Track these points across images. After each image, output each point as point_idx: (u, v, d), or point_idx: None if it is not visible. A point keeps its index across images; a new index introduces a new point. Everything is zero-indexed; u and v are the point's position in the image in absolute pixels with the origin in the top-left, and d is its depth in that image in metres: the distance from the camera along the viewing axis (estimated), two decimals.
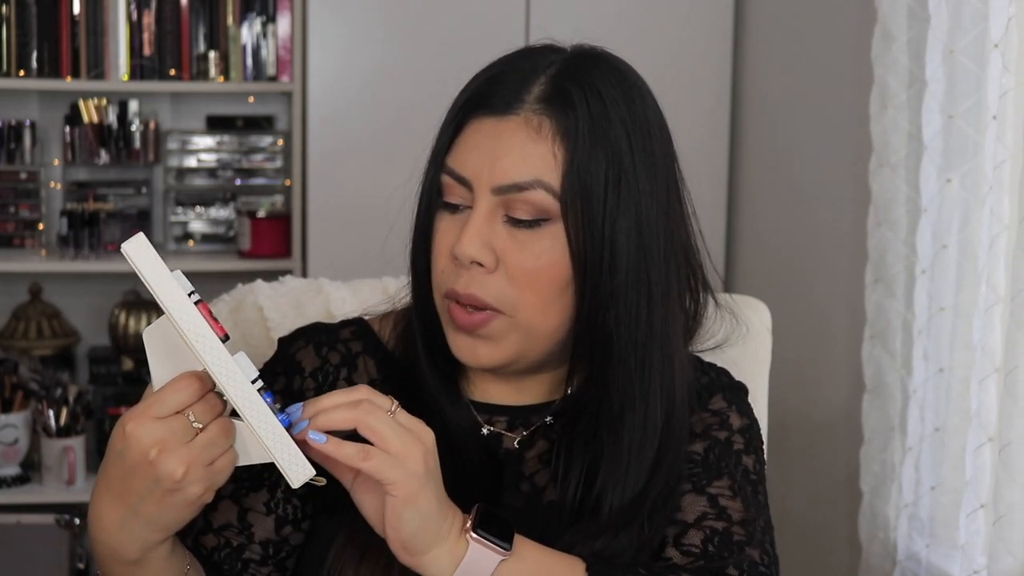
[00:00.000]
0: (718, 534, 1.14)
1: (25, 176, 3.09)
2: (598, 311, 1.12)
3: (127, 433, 0.97)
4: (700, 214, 1.25)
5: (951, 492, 1.94)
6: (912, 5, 2.01)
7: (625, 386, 1.14)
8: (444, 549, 1.03)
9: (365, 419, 1.00)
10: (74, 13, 2.99)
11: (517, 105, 1.12)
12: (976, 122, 1.87)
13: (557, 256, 1.11)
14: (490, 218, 1.11)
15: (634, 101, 1.13)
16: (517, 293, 1.11)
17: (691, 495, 1.17)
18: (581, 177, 1.09)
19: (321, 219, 2.93)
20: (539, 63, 1.14)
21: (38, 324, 3.13)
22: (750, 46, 2.95)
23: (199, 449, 0.97)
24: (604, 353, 1.13)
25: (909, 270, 2.04)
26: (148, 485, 0.98)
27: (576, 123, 1.10)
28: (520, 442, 1.22)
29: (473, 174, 1.12)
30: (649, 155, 1.12)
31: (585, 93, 1.11)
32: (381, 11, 2.90)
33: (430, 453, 1.02)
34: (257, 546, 1.18)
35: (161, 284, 0.98)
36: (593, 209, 1.10)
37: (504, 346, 1.13)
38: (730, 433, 1.22)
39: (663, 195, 1.14)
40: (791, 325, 2.39)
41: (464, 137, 1.14)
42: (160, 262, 0.98)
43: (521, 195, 1.10)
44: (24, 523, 2.91)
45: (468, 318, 1.12)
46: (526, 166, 1.10)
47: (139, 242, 0.99)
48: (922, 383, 1.99)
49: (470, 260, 1.11)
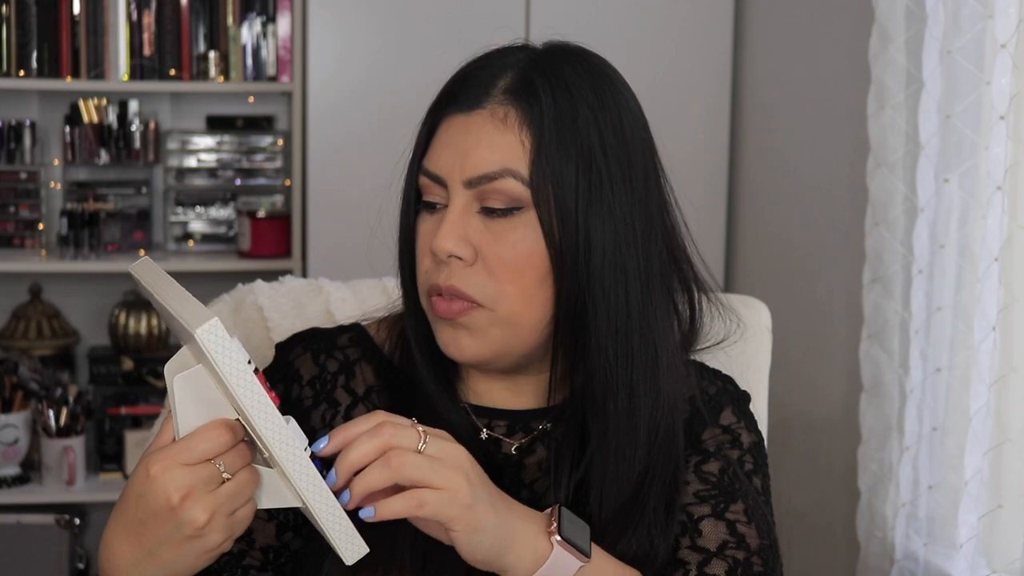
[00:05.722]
0: (740, 564, 1.15)
1: (25, 176, 3.09)
2: (576, 298, 1.12)
3: (152, 476, 0.97)
4: (700, 214, 1.25)
5: (949, 491, 1.94)
6: (910, 5, 2.01)
7: (607, 375, 1.13)
8: (526, 548, 1.04)
9: (402, 472, 0.99)
10: (74, 13, 2.99)
11: (484, 99, 1.13)
12: (974, 122, 1.87)
13: (533, 245, 1.12)
14: (465, 212, 1.12)
15: (603, 90, 1.14)
16: (497, 285, 1.12)
17: (711, 520, 1.17)
18: (550, 163, 1.11)
19: (321, 219, 2.93)
20: (508, 60, 1.16)
21: (38, 324, 3.14)
22: (750, 46, 2.95)
23: (224, 498, 0.97)
24: (584, 341, 1.13)
25: (906, 270, 2.04)
26: (168, 531, 0.97)
27: (540, 111, 1.11)
28: (518, 449, 1.22)
29: (446, 171, 1.13)
30: (621, 143, 1.13)
31: (551, 83, 1.12)
32: (381, 11, 2.90)
33: (472, 471, 1.02)
34: (258, 552, 1.18)
35: (230, 364, 0.95)
36: (565, 195, 1.11)
37: (487, 340, 1.14)
38: (741, 452, 1.23)
39: (640, 184, 1.14)
40: (790, 325, 2.39)
41: (436, 137, 1.16)
42: (233, 344, 0.95)
43: (492, 185, 1.11)
44: (24, 523, 2.91)
45: (448, 305, 1.13)
46: (494, 156, 1.11)
47: (215, 328, 0.93)
48: (920, 383, 2.00)
49: (447, 254, 1.12)
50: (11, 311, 3.16)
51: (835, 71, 2.49)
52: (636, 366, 1.14)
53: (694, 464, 1.20)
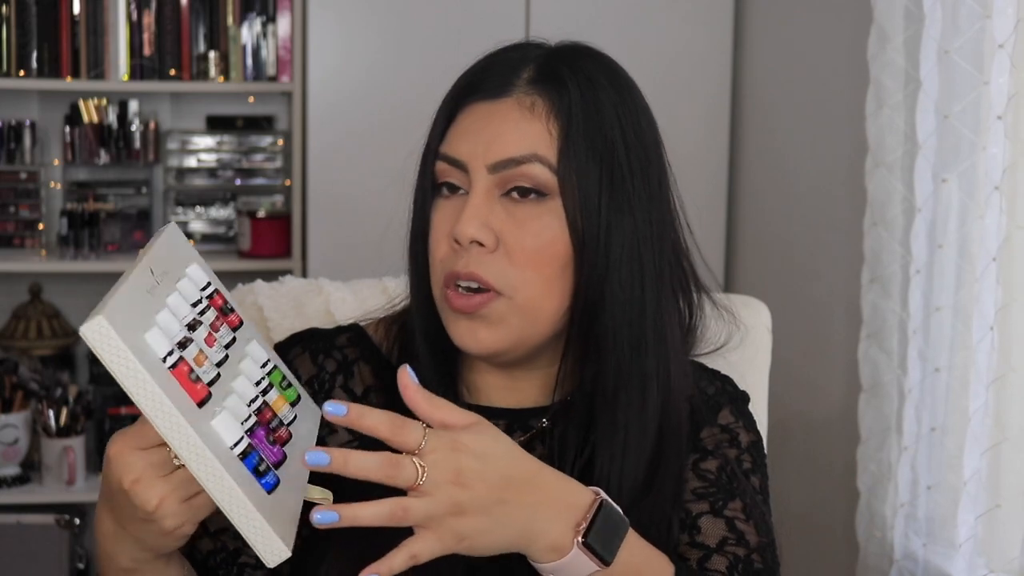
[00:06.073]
0: (741, 561, 1.15)
1: (25, 176, 3.09)
2: (593, 288, 1.13)
3: (109, 457, 0.98)
4: (700, 214, 1.26)
5: (948, 491, 1.94)
6: (908, 5, 2.01)
7: (620, 366, 1.14)
8: (546, 542, 0.99)
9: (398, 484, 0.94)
10: (74, 13, 2.99)
11: (509, 88, 1.14)
12: (972, 122, 1.87)
13: (556, 233, 1.12)
14: (488, 198, 1.12)
15: (622, 87, 1.16)
16: (518, 273, 1.12)
17: (709, 517, 1.17)
18: (577, 153, 1.11)
19: (321, 219, 2.94)
20: (527, 53, 1.17)
21: (38, 324, 3.14)
22: (749, 46, 2.95)
23: (176, 484, 0.97)
24: (599, 333, 1.14)
25: (904, 270, 2.04)
26: (129, 510, 0.99)
27: (569, 102, 1.12)
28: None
29: (468, 155, 1.13)
30: (639, 138, 1.15)
31: (576, 76, 1.14)
32: (381, 11, 2.90)
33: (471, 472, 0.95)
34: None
35: (117, 364, 0.91)
36: (589, 186, 1.11)
37: (504, 329, 1.13)
38: (739, 451, 1.23)
39: (655, 181, 1.16)
40: (789, 325, 2.39)
41: (457, 123, 1.16)
42: (121, 344, 0.91)
43: (519, 170, 1.11)
44: (24, 523, 2.91)
45: (466, 300, 1.12)
46: (522, 141, 1.12)
47: (101, 325, 0.90)
48: (918, 383, 2.00)
49: (470, 239, 1.11)
50: (11, 311, 3.16)
51: (834, 71, 2.49)
52: (648, 359, 1.15)
53: (692, 462, 1.20)
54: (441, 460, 0.94)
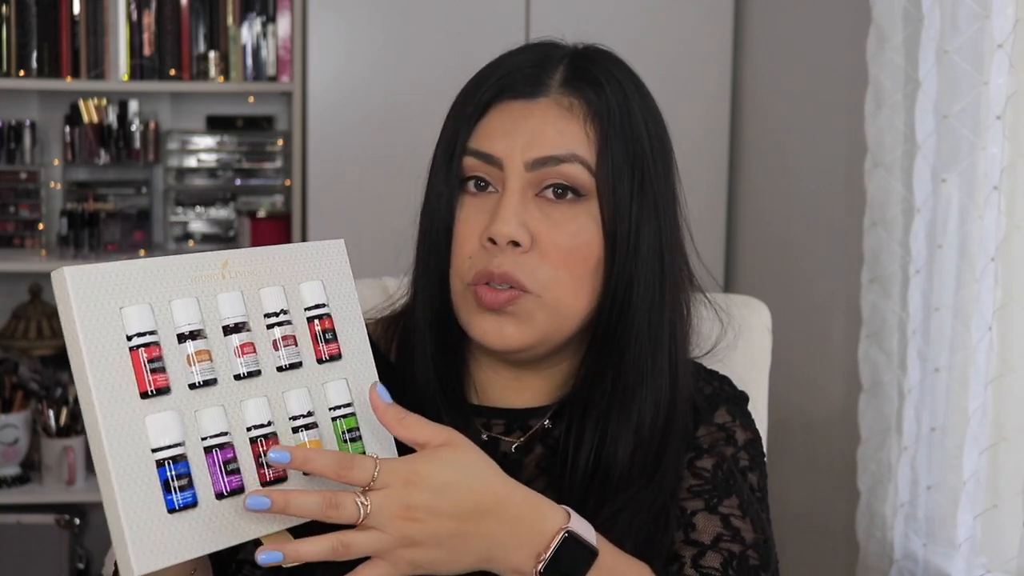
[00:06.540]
0: (736, 557, 1.15)
1: (25, 176, 3.09)
2: (622, 288, 1.14)
3: None
4: (700, 214, 1.27)
5: (948, 491, 1.94)
6: (907, 6, 2.02)
7: (639, 363, 1.16)
8: (511, 565, 0.99)
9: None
10: (74, 13, 2.99)
11: (544, 88, 1.15)
12: (971, 122, 1.87)
13: (591, 234, 1.13)
14: (523, 197, 1.13)
15: (643, 91, 1.18)
16: (551, 272, 1.12)
17: (704, 515, 1.17)
18: (614, 156, 1.13)
19: (321, 219, 2.94)
20: (551, 53, 1.18)
21: (38, 324, 3.14)
22: (750, 46, 2.95)
23: None
24: (622, 333, 1.15)
25: (904, 270, 2.04)
26: None
27: (607, 104, 1.13)
28: (518, 447, 1.22)
29: (504, 152, 1.13)
30: (661, 144, 1.17)
31: (608, 80, 1.15)
32: (381, 11, 2.90)
33: (422, 507, 0.94)
34: (252, 547, 1.18)
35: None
36: (623, 188, 1.13)
37: (531, 326, 1.13)
38: (736, 449, 1.23)
39: (672, 183, 1.19)
40: (789, 325, 2.39)
41: (488, 120, 1.15)
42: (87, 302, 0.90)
43: (557, 168, 1.12)
44: (24, 523, 2.92)
45: (495, 296, 1.12)
46: (562, 140, 1.12)
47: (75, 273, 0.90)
48: (918, 383, 2.00)
49: (508, 239, 1.11)
50: (11, 311, 3.16)
51: (833, 71, 2.49)
52: (664, 357, 1.16)
53: (688, 460, 1.20)
54: (390, 496, 0.93)
